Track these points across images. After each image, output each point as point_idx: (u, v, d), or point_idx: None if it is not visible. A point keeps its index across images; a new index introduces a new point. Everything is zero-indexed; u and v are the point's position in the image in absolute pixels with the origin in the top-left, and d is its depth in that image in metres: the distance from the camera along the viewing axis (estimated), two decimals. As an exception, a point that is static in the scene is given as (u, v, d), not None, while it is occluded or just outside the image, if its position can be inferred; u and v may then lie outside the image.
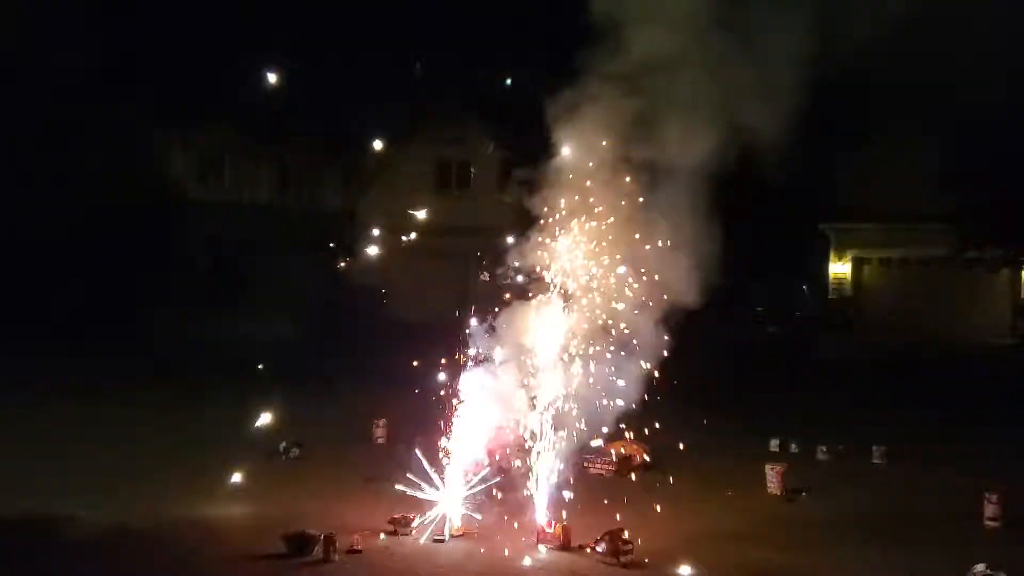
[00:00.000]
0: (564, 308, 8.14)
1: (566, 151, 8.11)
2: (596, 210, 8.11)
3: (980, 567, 6.95)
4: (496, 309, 8.21)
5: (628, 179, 8.02)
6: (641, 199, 8.02)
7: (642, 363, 8.19)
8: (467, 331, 8.26)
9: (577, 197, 8.11)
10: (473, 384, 8.24)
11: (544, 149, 8.16)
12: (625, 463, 10.35)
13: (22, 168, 22.99)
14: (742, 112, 7.75)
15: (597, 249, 8.10)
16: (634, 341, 8.13)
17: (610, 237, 8.09)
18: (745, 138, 7.90)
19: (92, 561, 7.39)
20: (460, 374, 8.31)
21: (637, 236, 8.03)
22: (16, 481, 9.60)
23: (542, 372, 8.13)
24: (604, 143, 8.00)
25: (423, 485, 8.30)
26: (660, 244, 7.98)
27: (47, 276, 23.66)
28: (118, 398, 15.18)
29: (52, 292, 23.36)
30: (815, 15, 7.70)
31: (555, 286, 8.15)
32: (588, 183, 8.09)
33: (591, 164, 8.06)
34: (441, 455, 8.48)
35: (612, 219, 8.08)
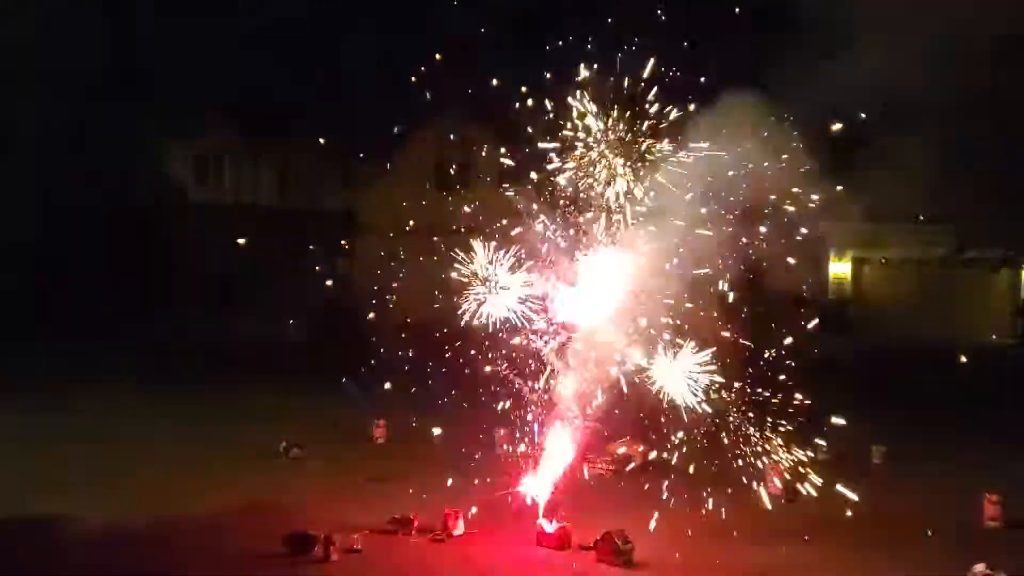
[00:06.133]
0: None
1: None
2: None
3: (980, 567, 6.96)
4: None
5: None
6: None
7: (644, 363, 8.17)
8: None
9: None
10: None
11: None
12: (625, 463, 10.35)
13: (25, 170, 22.98)
14: None
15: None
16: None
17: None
18: None
19: (92, 561, 7.39)
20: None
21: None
22: (16, 481, 9.60)
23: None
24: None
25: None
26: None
27: (48, 277, 23.64)
28: (116, 397, 15.16)
29: (54, 293, 23.35)
30: None
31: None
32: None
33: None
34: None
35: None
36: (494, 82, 9.06)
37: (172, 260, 26.99)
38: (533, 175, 8.14)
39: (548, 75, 8.11)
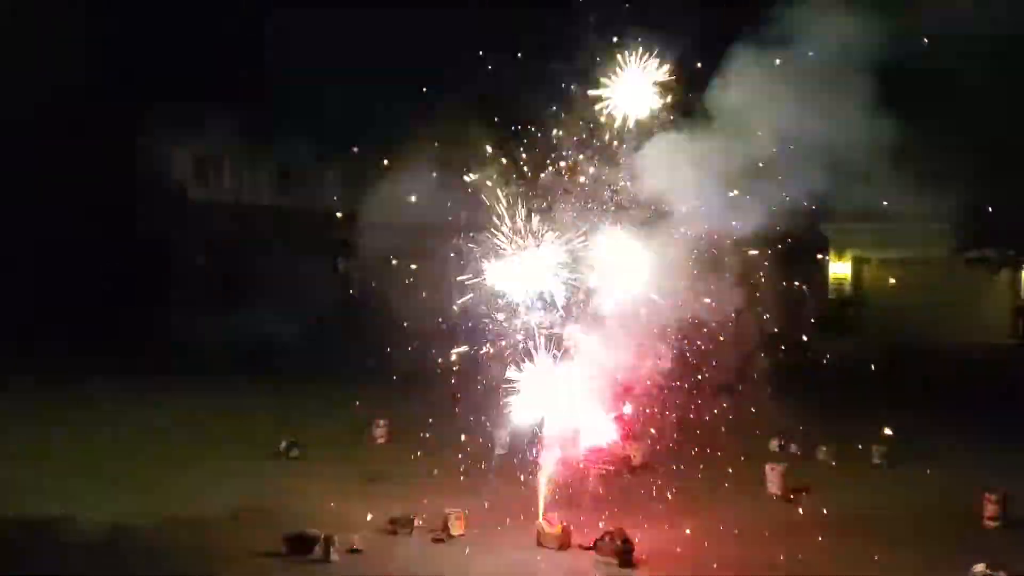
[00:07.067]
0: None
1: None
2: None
3: (980, 567, 6.96)
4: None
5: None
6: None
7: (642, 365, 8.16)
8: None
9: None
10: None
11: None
12: (625, 463, 10.35)
13: (23, 169, 23.00)
14: None
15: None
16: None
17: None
18: None
19: (92, 561, 7.39)
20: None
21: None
22: (17, 481, 9.60)
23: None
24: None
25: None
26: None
27: (47, 276, 23.66)
28: (116, 397, 15.16)
29: (52, 292, 23.37)
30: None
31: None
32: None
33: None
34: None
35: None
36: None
37: (171, 259, 27.00)
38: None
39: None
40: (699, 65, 7.93)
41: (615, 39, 7.89)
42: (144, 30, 27.43)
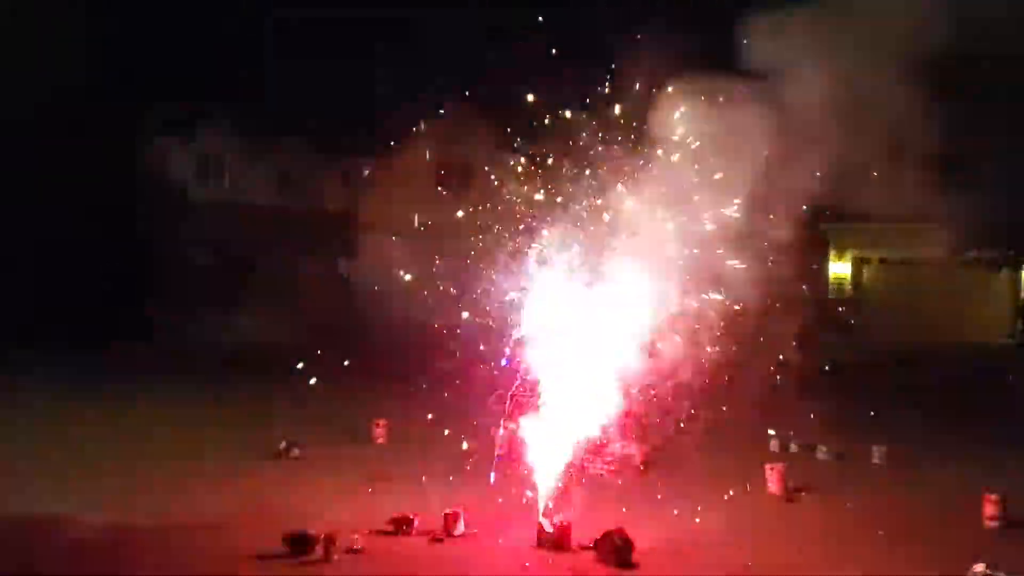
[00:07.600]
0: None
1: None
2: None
3: (980, 567, 6.97)
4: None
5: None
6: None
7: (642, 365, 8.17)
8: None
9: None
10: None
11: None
12: (625, 463, 10.34)
13: (23, 169, 22.99)
14: None
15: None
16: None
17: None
18: None
19: (92, 561, 7.39)
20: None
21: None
22: (17, 481, 9.60)
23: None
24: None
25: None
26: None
27: (47, 276, 23.66)
28: (117, 397, 15.16)
29: (52, 292, 23.36)
30: None
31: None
32: None
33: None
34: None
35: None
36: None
37: (171, 260, 26.99)
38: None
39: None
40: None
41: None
42: (144, 30, 27.42)
